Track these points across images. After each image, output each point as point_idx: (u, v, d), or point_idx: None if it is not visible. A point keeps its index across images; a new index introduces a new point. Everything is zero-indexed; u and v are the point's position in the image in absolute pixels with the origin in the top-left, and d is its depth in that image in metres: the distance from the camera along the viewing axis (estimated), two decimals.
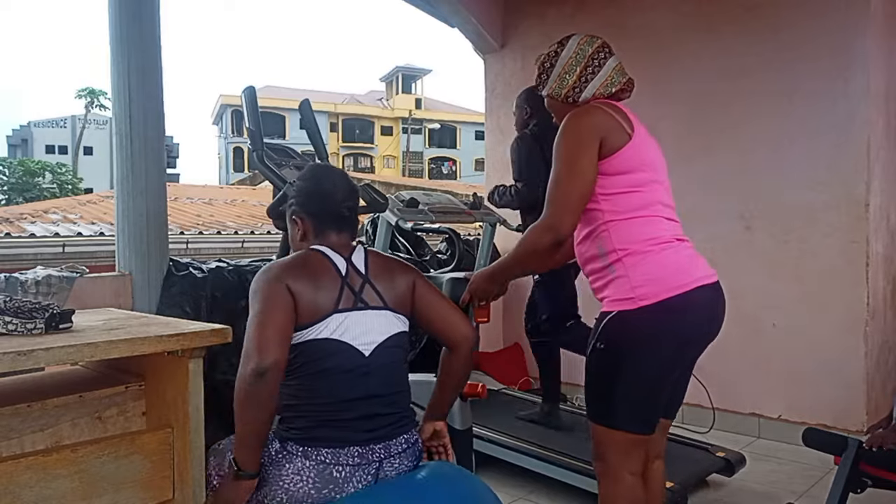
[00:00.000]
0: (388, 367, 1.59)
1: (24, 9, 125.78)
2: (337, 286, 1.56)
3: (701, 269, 1.68)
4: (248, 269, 2.92)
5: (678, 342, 1.67)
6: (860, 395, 3.29)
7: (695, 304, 1.64)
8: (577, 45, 1.78)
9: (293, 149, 2.68)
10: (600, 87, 1.74)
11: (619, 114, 1.70)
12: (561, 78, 1.78)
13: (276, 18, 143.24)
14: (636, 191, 1.66)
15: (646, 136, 1.73)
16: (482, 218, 3.24)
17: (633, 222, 1.65)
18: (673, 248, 1.67)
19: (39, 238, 7.17)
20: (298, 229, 1.69)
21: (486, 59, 4.76)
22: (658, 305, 1.60)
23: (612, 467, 1.70)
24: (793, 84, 3.46)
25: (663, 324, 1.62)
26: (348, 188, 1.71)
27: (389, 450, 1.55)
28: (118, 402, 1.82)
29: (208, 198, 12.31)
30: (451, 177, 37.88)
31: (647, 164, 1.70)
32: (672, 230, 1.70)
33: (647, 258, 1.63)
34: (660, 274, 1.62)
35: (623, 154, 1.65)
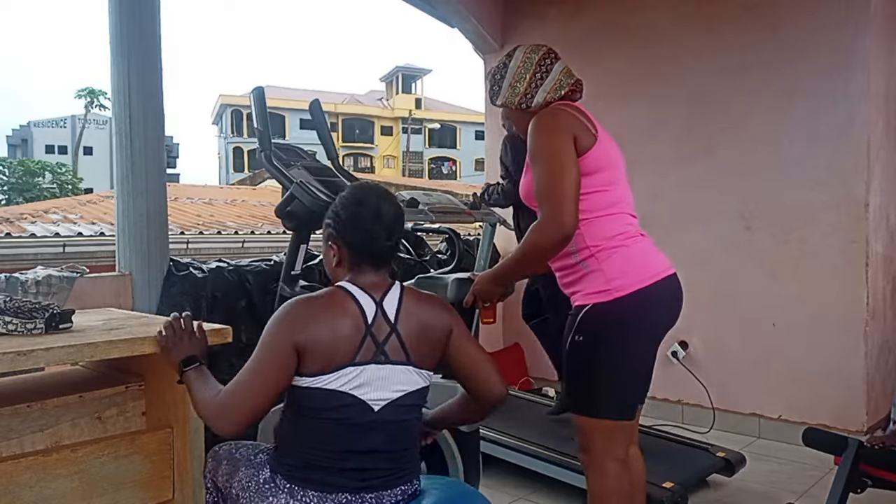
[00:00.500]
0: (397, 425, 1.49)
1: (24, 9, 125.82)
2: (360, 336, 1.44)
3: (663, 262, 1.79)
4: (248, 269, 2.92)
5: (651, 328, 1.78)
6: (860, 395, 3.29)
7: (662, 293, 1.74)
8: (524, 55, 1.84)
9: (303, 148, 2.68)
10: (550, 91, 1.80)
11: (582, 115, 1.76)
12: (512, 87, 1.83)
13: (276, 18, 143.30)
14: (604, 189, 1.73)
15: (607, 135, 1.79)
16: (482, 218, 3.24)
17: (604, 220, 1.73)
18: (639, 242, 1.77)
19: (39, 238, 7.17)
20: (334, 255, 1.56)
21: (486, 59, 4.76)
22: (632, 295, 1.69)
23: (597, 457, 1.77)
24: (793, 84, 3.46)
25: (638, 312, 1.71)
26: (394, 219, 1.54)
27: (381, 500, 1.46)
28: (118, 402, 1.82)
29: (208, 198, 12.31)
30: (451, 177, 37.88)
31: (613, 162, 1.77)
32: (635, 225, 1.80)
33: (620, 253, 1.72)
34: (631, 267, 1.71)
35: (591, 154, 1.70)
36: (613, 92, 4.05)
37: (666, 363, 3.82)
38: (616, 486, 1.76)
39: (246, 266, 2.94)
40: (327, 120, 2.69)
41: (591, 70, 4.22)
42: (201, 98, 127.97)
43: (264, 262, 3.01)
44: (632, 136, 4.04)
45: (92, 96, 34.16)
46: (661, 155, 3.91)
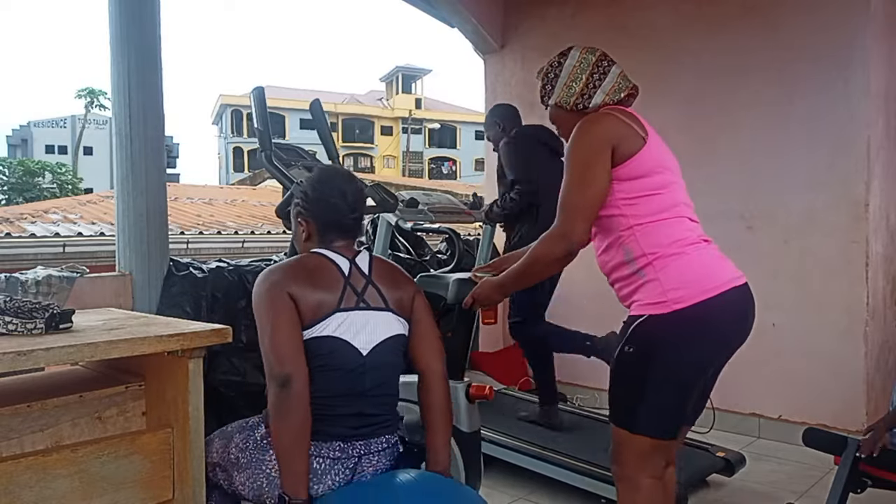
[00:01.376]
0: (384, 368, 1.63)
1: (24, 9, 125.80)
2: (339, 286, 1.60)
3: (730, 271, 1.67)
4: (248, 269, 2.92)
5: (712, 346, 1.64)
6: (860, 395, 3.29)
7: (728, 307, 1.62)
8: (581, 55, 1.79)
9: (303, 148, 2.69)
10: (609, 92, 1.75)
11: (631, 118, 1.70)
12: (568, 87, 1.78)
13: (276, 18, 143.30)
14: (657, 193, 1.66)
15: (658, 139, 1.73)
16: (482, 218, 3.25)
17: (659, 225, 1.64)
18: (702, 249, 1.67)
19: (39, 238, 7.17)
20: (303, 230, 1.72)
21: (486, 59, 4.76)
22: (692, 309, 1.58)
23: (630, 472, 1.68)
24: (793, 84, 3.46)
25: (697, 327, 1.60)
26: (356, 195, 1.71)
27: (370, 447, 1.60)
28: (118, 402, 1.81)
29: (208, 198, 12.32)
30: (451, 177, 37.87)
31: (665, 165, 1.69)
32: (696, 231, 1.70)
33: (678, 260, 1.62)
34: (692, 276, 1.61)
35: (640, 158, 1.64)
36: None
37: None
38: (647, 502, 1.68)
39: (246, 266, 2.94)
40: (328, 120, 2.69)
41: None
42: (201, 98, 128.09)
43: (264, 262, 3.01)
44: None
45: (92, 96, 34.14)
46: None
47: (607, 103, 1.75)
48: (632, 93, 1.80)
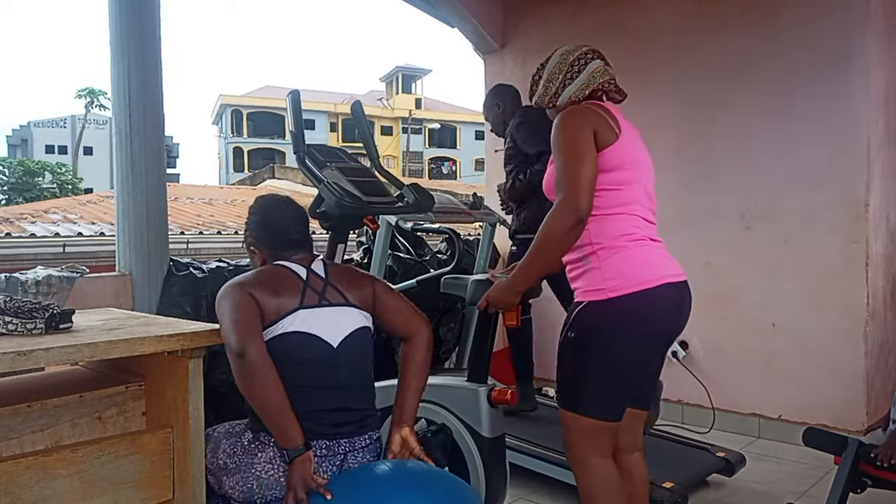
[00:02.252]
0: (356, 359, 1.70)
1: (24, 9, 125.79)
2: (299, 289, 1.68)
3: (669, 268, 1.77)
4: (248, 268, 2.92)
5: (644, 334, 1.74)
6: (860, 396, 3.29)
7: (661, 300, 1.72)
8: (561, 56, 1.88)
9: (345, 150, 2.70)
10: (577, 90, 1.82)
11: (606, 113, 1.77)
12: (545, 86, 1.88)
13: (276, 18, 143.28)
14: (617, 188, 1.74)
15: (633, 138, 1.80)
16: (482, 218, 3.24)
17: (611, 218, 1.73)
18: (645, 245, 1.76)
19: (39, 238, 7.17)
20: (257, 257, 1.82)
21: (486, 59, 4.75)
22: (627, 297, 1.69)
23: (579, 454, 1.78)
24: (793, 84, 3.46)
25: (630, 315, 1.70)
26: (295, 216, 1.82)
27: (354, 444, 1.65)
28: (118, 402, 1.81)
29: (208, 198, 12.32)
30: (451, 177, 37.85)
31: (632, 163, 1.77)
32: (646, 230, 1.79)
33: (620, 253, 1.72)
34: (630, 268, 1.71)
35: (610, 152, 1.72)
36: None
37: (666, 363, 3.81)
38: (602, 483, 1.76)
39: (246, 266, 2.94)
40: (368, 122, 2.72)
41: None
42: (201, 98, 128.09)
43: None
44: None
45: (92, 96, 34.15)
46: (661, 155, 3.88)
47: (574, 101, 1.82)
48: (604, 87, 1.84)
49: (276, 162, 30.30)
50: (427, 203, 2.49)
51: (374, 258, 2.91)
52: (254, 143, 36.86)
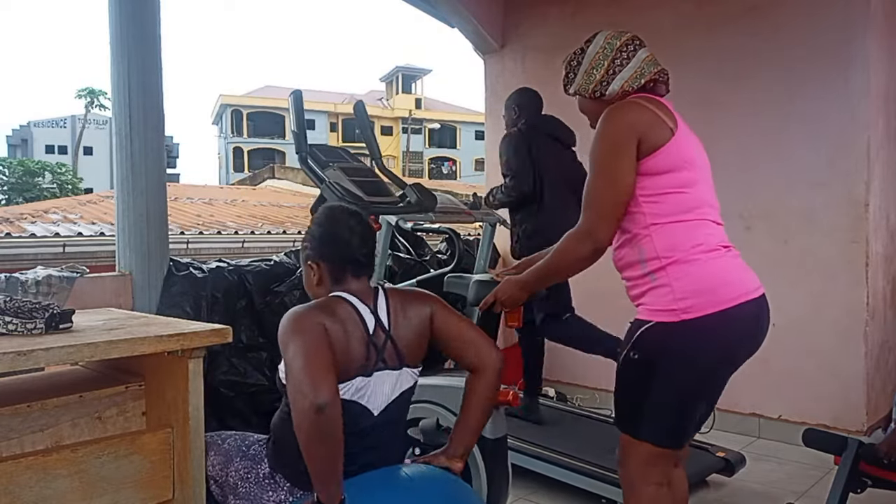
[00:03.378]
0: (392, 424, 1.59)
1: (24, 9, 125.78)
2: (364, 344, 1.51)
3: (748, 283, 1.58)
4: (248, 269, 2.92)
5: (719, 359, 1.57)
6: (860, 395, 3.29)
7: (740, 320, 1.54)
8: (605, 40, 1.69)
9: (347, 150, 2.71)
10: (629, 79, 1.65)
11: (660, 108, 1.60)
12: (588, 73, 1.69)
13: (276, 18, 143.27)
14: (681, 192, 1.56)
15: (688, 133, 1.63)
16: (482, 218, 3.24)
17: (678, 226, 1.55)
18: (720, 257, 1.57)
19: (39, 238, 7.17)
20: (314, 274, 1.61)
21: (486, 59, 4.75)
22: (702, 320, 1.50)
23: (633, 478, 1.65)
24: (793, 84, 3.46)
25: (706, 340, 1.52)
26: (365, 233, 1.63)
27: None
28: (118, 402, 1.81)
29: (208, 198, 12.31)
30: (451, 177, 37.85)
31: (691, 161, 1.59)
32: (718, 236, 1.60)
33: (693, 267, 1.53)
34: (705, 286, 1.52)
35: (665, 151, 1.55)
36: None
37: None
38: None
39: (246, 266, 2.94)
40: (370, 121, 2.72)
41: None
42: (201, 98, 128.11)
43: (264, 262, 3.01)
44: None
45: (92, 96, 34.14)
46: None
47: (626, 91, 1.65)
48: (657, 78, 1.68)
49: (276, 162, 30.32)
50: (430, 203, 2.49)
51: None
52: (254, 143, 36.87)
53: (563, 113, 4.08)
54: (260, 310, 2.88)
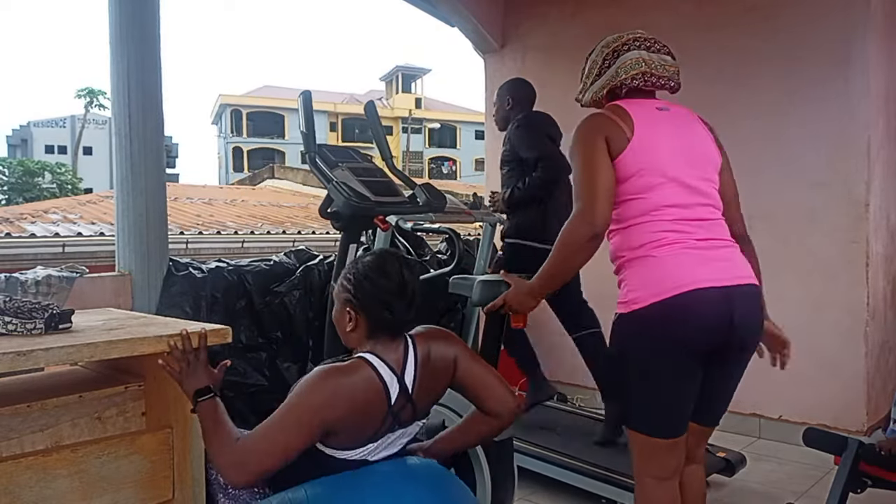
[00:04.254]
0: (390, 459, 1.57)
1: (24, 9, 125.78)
2: (382, 415, 1.47)
3: (706, 273, 1.59)
4: (248, 269, 2.92)
5: (672, 346, 1.59)
6: (860, 396, 3.29)
7: (687, 308, 1.56)
8: (598, 49, 1.79)
9: (357, 150, 2.72)
10: (597, 89, 1.77)
11: (621, 116, 1.66)
12: (581, 83, 1.83)
13: (275, 18, 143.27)
14: (639, 197, 1.64)
15: (653, 135, 1.66)
16: (482, 218, 3.24)
17: (632, 229, 1.66)
18: (672, 251, 1.61)
19: (39, 238, 7.17)
20: (350, 321, 1.53)
21: (486, 59, 4.75)
22: (646, 309, 1.58)
23: (637, 471, 1.70)
24: (793, 84, 3.46)
25: (652, 328, 1.59)
26: (414, 287, 1.53)
27: None
28: (118, 402, 1.81)
29: (208, 198, 12.31)
30: (451, 177, 37.85)
31: (652, 167, 1.63)
32: (682, 232, 1.63)
33: (640, 263, 1.63)
34: (650, 278, 1.60)
35: (622, 159, 1.63)
36: None
37: None
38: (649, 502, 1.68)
39: (246, 266, 2.94)
40: (381, 122, 2.73)
41: None
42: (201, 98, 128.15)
43: (264, 262, 3.01)
44: None
45: (92, 96, 34.13)
46: None
47: (595, 101, 1.78)
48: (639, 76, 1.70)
49: (276, 162, 30.33)
50: (439, 203, 2.49)
51: None
52: (253, 142, 36.87)
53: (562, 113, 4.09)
54: (259, 310, 2.88)
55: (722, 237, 1.69)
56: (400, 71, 39.08)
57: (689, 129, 1.74)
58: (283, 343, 2.92)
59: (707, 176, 1.71)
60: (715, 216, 1.70)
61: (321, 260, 3.14)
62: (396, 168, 2.89)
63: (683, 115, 1.76)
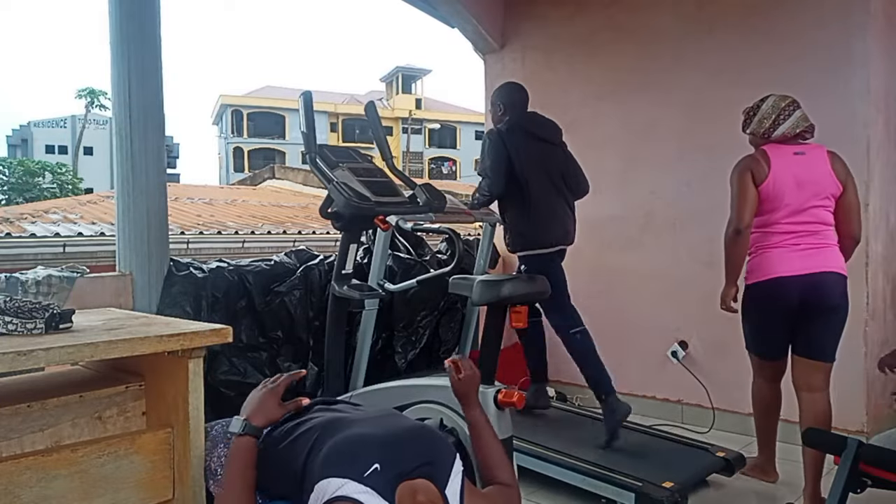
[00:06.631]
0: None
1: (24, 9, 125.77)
2: None
3: (787, 266, 2.61)
4: (248, 269, 2.92)
5: (768, 308, 2.70)
6: (860, 395, 3.29)
7: (778, 287, 2.62)
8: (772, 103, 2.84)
9: (358, 150, 2.72)
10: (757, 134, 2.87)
11: (765, 158, 2.69)
12: (757, 121, 2.85)
13: (276, 18, 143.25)
14: (763, 214, 2.66)
15: (784, 174, 2.62)
16: (482, 218, 3.24)
17: (758, 233, 2.70)
18: (771, 251, 2.65)
19: (40, 238, 7.17)
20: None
21: (486, 59, 4.75)
22: (756, 284, 2.71)
23: (754, 375, 2.96)
24: (793, 83, 3.45)
25: (756, 296, 2.72)
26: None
27: None
28: (118, 402, 1.81)
29: (208, 198, 12.31)
30: (451, 177, 37.87)
31: (780, 195, 2.62)
32: (790, 238, 2.62)
33: (754, 255, 2.72)
34: (756, 267, 2.70)
35: (762, 190, 2.64)
36: (614, 91, 4.05)
37: (666, 363, 3.82)
38: (756, 395, 2.99)
39: (246, 266, 2.94)
40: (381, 123, 2.73)
41: (592, 70, 4.24)
42: (201, 98, 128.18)
43: (264, 262, 3.01)
44: (632, 135, 4.05)
45: (92, 96, 34.13)
46: (661, 154, 3.91)
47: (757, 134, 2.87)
48: (787, 129, 2.75)
49: (277, 162, 30.35)
50: (439, 203, 2.49)
51: (374, 258, 2.91)
52: (254, 143, 36.88)
53: (562, 113, 4.09)
54: (260, 310, 2.88)
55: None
56: (400, 71, 39.09)
57: (809, 164, 2.67)
58: (283, 343, 2.93)
59: (815, 200, 2.64)
60: (812, 230, 2.63)
61: (321, 260, 3.14)
62: (396, 168, 2.89)
63: (814, 154, 2.70)
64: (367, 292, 2.50)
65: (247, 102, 37.52)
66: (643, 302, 3.94)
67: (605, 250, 4.12)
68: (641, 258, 3.97)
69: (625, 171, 4.06)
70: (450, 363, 1.91)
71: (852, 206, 2.67)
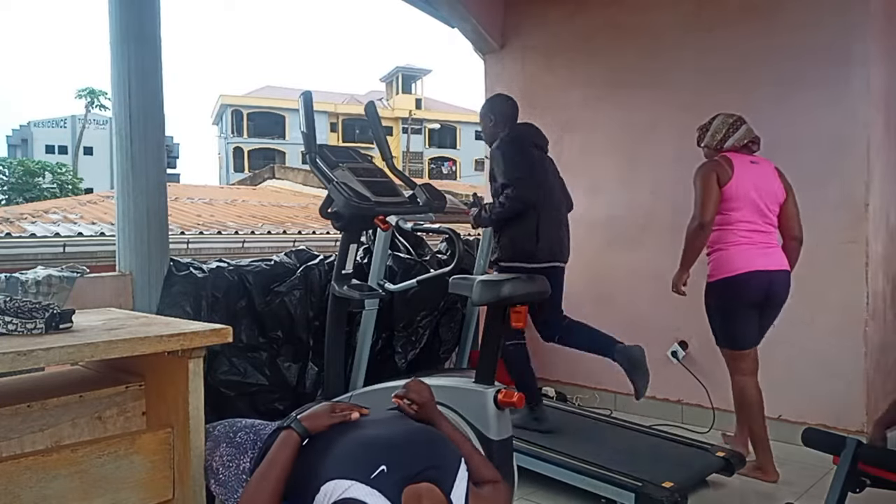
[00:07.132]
0: None
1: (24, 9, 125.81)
2: None
3: (751, 262, 2.87)
4: (248, 269, 2.92)
5: (735, 300, 2.92)
6: (860, 396, 3.29)
7: (746, 282, 2.87)
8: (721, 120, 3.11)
9: (358, 151, 2.72)
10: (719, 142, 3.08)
11: (728, 163, 2.93)
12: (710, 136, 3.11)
13: (276, 18, 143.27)
14: (724, 213, 2.92)
15: (744, 179, 2.91)
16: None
17: (720, 231, 2.94)
18: (733, 248, 2.91)
19: (40, 238, 7.16)
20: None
21: (486, 59, 4.75)
22: (719, 280, 2.93)
23: (731, 371, 3.03)
24: (793, 84, 3.46)
25: (724, 291, 2.93)
26: None
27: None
28: (118, 402, 1.82)
29: (209, 198, 12.31)
30: (451, 177, 37.86)
31: (742, 196, 2.90)
32: (751, 237, 2.90)
33: (719, 252, 2.96)
34: (722, 262, 2.93)
35: (725, 191, 2.90)
36: (614, 91, 4.05)
37: (666, 363, 3.82)
38: (744, 395, 2.96)
39: (246, 266, 2.94)
40: (381, 123, 2.72)
41: (592, 70, 4.24)
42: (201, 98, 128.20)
43: (264, 262, 3.01)
44: (632, 134, 4.05)
45: (92, 96, 34.11)
46: (661, 154, 3.91)
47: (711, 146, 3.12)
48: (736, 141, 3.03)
49: (277, 162, 30.35)
50: (439, 203, 2.49)
51: (374, 258, 2.91)
52: (254, 143, 36.87)
53: (561, 112, 4.08)
54: (260, 310, 2.88)
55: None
56: (400, 71, 39.08)
57: (763, 174, 2.96)
58: (283, 343, 2.93)
59: (768, 202, 2.95)
60: (766, 229, 2.94)
61: (321, 260, 3.14)
62: (396, 168, 2.89)
63: (765, 165, 3.00)
64: (367, 292, 2.50)
65: (247, 102, 37.52)
66: (643, 302, 3.94)
67: (605, 250, 4.12)
68: (641, 258, 3.97)
69: (625, 171, 4.06)
70: (396, 400, 1.80)
71: (794, 212, 3.02)
